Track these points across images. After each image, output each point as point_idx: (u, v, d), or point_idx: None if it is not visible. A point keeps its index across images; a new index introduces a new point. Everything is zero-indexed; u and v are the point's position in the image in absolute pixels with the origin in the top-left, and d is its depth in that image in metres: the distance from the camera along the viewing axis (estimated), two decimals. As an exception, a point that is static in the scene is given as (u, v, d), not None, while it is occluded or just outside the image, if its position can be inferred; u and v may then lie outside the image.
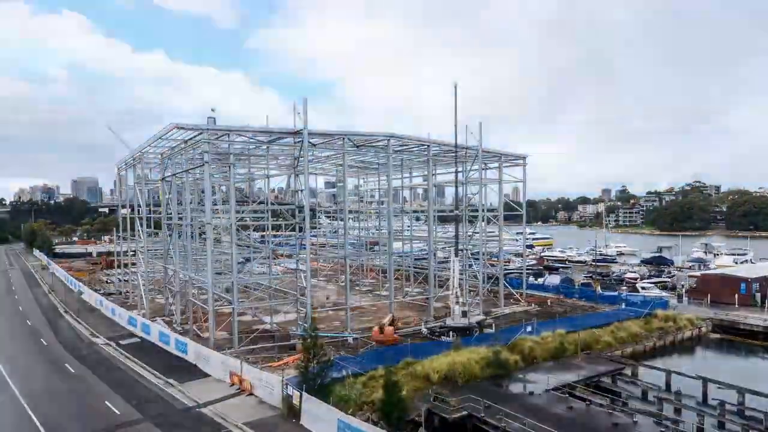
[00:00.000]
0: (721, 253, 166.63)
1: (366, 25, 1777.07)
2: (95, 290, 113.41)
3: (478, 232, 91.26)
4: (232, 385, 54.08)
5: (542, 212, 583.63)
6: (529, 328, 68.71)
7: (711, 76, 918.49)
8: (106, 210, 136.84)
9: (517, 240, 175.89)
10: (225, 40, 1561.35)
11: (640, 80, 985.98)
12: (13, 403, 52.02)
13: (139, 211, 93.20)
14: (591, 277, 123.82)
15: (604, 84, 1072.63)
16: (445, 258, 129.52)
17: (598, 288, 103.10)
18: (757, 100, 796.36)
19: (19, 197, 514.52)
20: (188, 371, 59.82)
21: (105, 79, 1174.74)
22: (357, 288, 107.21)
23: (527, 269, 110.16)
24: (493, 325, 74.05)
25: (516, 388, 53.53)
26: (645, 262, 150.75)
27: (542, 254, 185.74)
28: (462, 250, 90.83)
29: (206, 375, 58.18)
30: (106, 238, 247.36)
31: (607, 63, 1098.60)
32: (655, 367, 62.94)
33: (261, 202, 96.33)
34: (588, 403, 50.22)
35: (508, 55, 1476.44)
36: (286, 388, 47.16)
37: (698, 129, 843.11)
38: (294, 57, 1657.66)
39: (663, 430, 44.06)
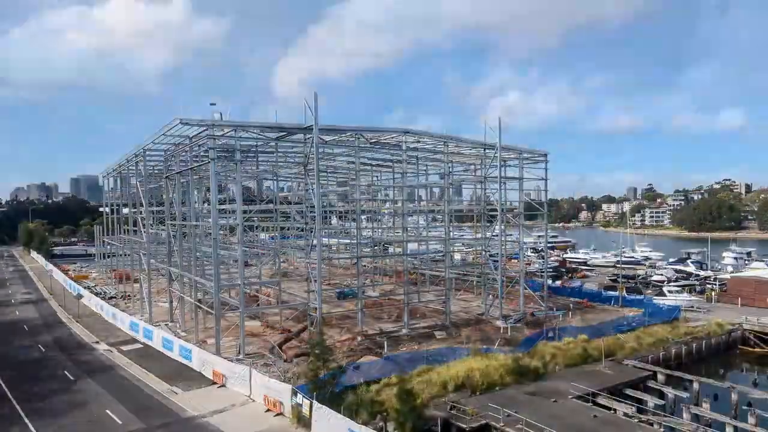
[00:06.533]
0: (753, 258, 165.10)
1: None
2: (95, 294, 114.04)
3: (497, 234, 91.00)
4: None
5: (565, 212, 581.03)
6: (550, 334, 68.70)
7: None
8: (108, 209, 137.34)
9: (537, 242, 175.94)
10: None
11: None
12: (11, 411, 52.44)
13: (141, 210, 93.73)
14: (616, 280, 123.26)
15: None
16: (462, 259, 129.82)
17: (623, 291, 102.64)
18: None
19: (16, 196, 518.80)
20: (193, 379, 60.13)
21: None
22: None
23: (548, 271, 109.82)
24: None
25: (537, 396, 53.43)
26: (672, 264, 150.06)
27: (564, 256, 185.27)
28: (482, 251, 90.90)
29: (212, 382, 58.46)
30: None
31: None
32: (682, 375, 62.61)
33: (269, 202, 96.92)
34: (613, 411, 50.20)
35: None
36: (296, 396, 47.34)
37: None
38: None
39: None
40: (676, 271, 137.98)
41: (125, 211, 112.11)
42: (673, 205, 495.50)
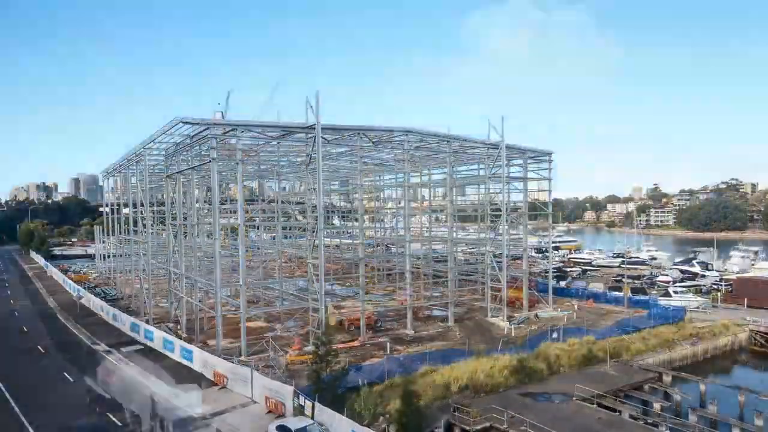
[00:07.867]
0: (759, 258, 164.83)
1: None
2: (95, 294, 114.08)
3: (501, 234, 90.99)
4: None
5: (569, 212, 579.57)
6: (554, 335, 68.67)
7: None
8: (108, 209, 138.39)
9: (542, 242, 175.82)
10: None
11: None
12: (10, 415, 52.46)
13: (141, 210, 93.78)
14: (620, 280, 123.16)
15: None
16: (466, 260, 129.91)
17: (629, 292, 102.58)
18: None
19: (15, 196, 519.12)
20: (194, 380, 60.09)
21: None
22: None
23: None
24: None
25: (541, 397, 53.46)
26: (678, 264, 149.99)
27: (569, 257, 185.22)
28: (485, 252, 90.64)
29: (213, 384, 58.52)
30: None
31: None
32: (688, 376, 62.58)
33: (271, 201, 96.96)
34: (618, 413, 50.19)
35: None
36: (298, 397, 47.36)
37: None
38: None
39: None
40: (682, 271, 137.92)
41: (125, 211, 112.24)
42: (679, 205, 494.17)
